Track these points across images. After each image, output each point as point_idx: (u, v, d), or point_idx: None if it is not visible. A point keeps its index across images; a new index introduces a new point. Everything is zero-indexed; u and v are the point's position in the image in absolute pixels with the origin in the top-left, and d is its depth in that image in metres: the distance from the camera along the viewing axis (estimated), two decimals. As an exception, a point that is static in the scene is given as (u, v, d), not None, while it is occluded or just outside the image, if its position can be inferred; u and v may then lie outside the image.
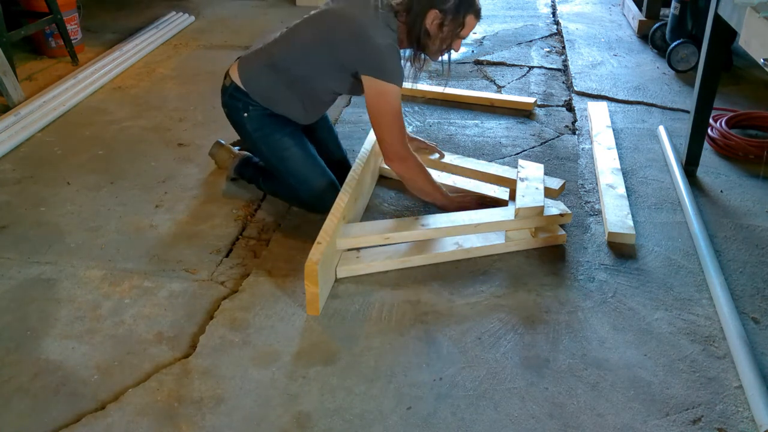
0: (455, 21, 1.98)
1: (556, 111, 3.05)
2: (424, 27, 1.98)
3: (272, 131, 2.16)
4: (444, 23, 1.98)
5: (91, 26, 4.17)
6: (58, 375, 1.64)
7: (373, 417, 1.52)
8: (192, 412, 1.53)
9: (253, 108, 2.15)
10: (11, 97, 3.06)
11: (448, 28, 1.99)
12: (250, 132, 2.18)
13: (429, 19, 1.97)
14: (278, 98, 2.14)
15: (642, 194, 2.37)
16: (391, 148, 2.04)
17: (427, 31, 1.99)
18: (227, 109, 2.22)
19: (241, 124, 2.19)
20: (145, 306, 1.86)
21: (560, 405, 1.55)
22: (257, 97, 2.14)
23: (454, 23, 1.98)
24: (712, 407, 1.55)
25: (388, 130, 2.01)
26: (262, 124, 2.16)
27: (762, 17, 1.73)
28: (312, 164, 2.18)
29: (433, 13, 1.96)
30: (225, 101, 2.22)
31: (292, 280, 1.95)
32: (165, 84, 3.35)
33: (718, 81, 2.38)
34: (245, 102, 2.15)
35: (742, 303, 1.86)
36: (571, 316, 1.82)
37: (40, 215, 2.28)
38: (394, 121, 2.01)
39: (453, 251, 2.03)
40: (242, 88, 2.15)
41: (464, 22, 1.99)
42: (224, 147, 2.46)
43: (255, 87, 2.14)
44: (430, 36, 2.00)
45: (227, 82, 2.20)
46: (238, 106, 2.17)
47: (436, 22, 1.97)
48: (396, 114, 2.00)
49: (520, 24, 4.29)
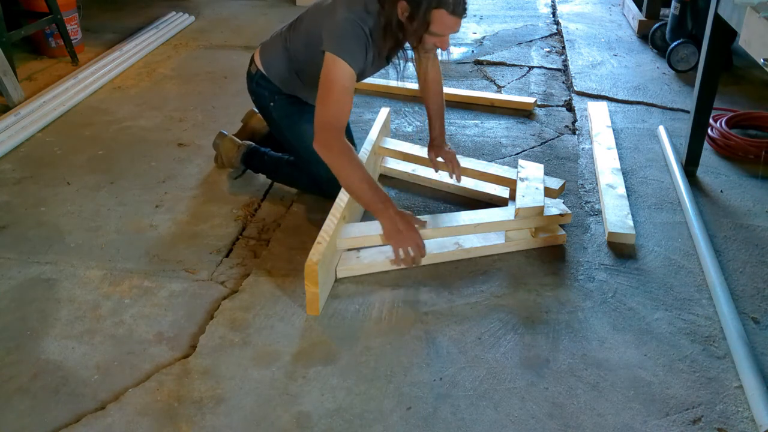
0: (419, 16, 1.81)
1: (556, 111, 3.05)
2: (396, 18, 1.87)
3: (298, 120, 2.23)
4: (413, 16, 1.82)
5: (91, 26, 4.17)
6: (58, 375, 1.64)
7: (373, 417, 1.52)
8: (192, 412, 1.53)
9: (278, 97, 2.23)
10: (11, 97, 3.06)
11: (416, 22, 1.83)
12: (277, 120, 2.27)
13: (400, 10, 1.84)
14: (295, 84, 2.21)
15: (642, 194, 2.37)
16: (321, 126, 1.88)
17: (400, 22, 1.87)
18: (254, 96, 2.31)
19: (268, 112, 2.28)
20: (145, 306, 1.86)
21: (560, 405, 1.55)
22: (278, 83, 2.22)
23: (421, 17, 1.81)
24: (712, 407, 1.55)
25: (325, 104, 1.87)
26: (288, 112, 2.24)
27: (762, 17, 1.73)
28: None
29: (402, 4, 1.82)
30: (252, 89, 2.30)
31: (292, 280, 1.95)
32: (165, 84, 3.34)
33: (718, 81, 2.38)
34: (271, 90, 2.23)
35: (742, 303, 1.85)
36: (571, 316, 1.82)
37: (40, 215, 2.28)
38: (335, 98, 1.86)
39: (453, 251, 2.03)
40: (266, 76, 2.22)
41: (429, 18, 1.81)
42: (228, 137, 2.47)
43: (274, 73, 2.22)
44: (404, 29, 1.87)
45: (253, 69, 2.28)
46: (265, 94, 2.25)
47: (405, 14, 1.84)
48: (338, 91, 1.86)
49: (520, 24, 4.29)
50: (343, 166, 1.86)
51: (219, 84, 3.33)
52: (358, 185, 1.86)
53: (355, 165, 1.87)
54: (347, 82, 1.88)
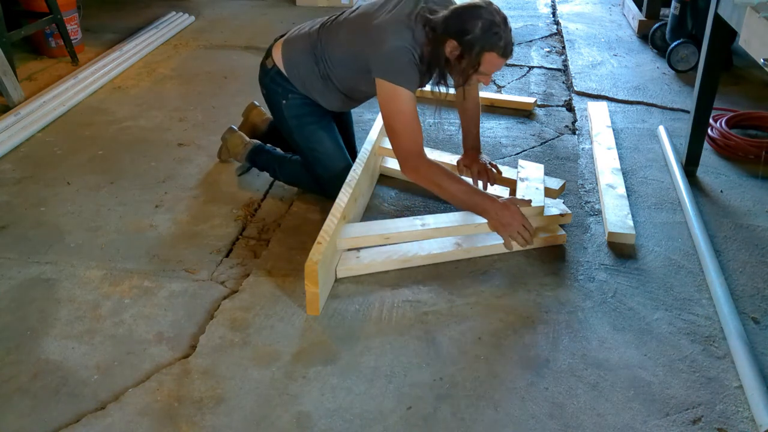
0: (472, 57, 1.84)
1: (556, 111, 3.05)
2: (443, 54, 1.89)
3: (308, 122, 2.22)
4: (463, 56, 1.86)
5: (91, 26, 4.17)
6: (58, 375, 1.64)
7: (373, 417, 1.52)
8: (192, 412, 1.53)
9: (292, 96, 2.21)
10: (11, 97, 3.06)
11: (465, 62, 1.86)
12: (287, 118, 2.24)
13: (448, 48, 1.87)
14: (315, 88, 2.19)
15: (642, 194, 2.37)
16: (403, 155, 1.96)
17: (447, 59, 1.90)
18: (266, 90, 2.28)
19: (279, 109, 2.25)
20: (145, 306, 1.86)
21: (560, 405, 1.55)
22: (297, 83, 2.19)
23: (472, 59, 1.85)
24: (712, 407, 1.55)
25: (398, 135, 1.94)
26: (299, 112, 2.22)
27: (762, 17, 1.73)
28: (340, 155, 2.24)
29: (452, 43, 1.85)
30: (266, 83, 2.27)
31: (292, 280, 1.95)
32: (165, 84, 3.34)
33: (718, 81, 2.38)
34: (285, 88, 2.21)
35: (742, 303, 1.86)
36: (571, 316, 1.82)
37: (40, 215, 2.28)
38: (405, 127, 1.93)
39: (453, 251, 2.03)
40: (284, 73, 2.19)
41: (480, 60, 1.85)
42: (237, 133, 2.47)
43: (296, 73, 2.19)
44: (450, 64, 1.90)
45: (269, 64, 2.24)
46: (278, 91, 2.22)
47: (455, 53, 1.87)
48: (406, 118, 1.92)
49: (520, 24, 4.29)
50: (436, 184, 1.95)
51: (219, 84, 3.33)
52: (457, 196, 1.95)
53: (446, 179, 1.95)
54: (411, 106, 1.93)
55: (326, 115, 2.26)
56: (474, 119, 2.29)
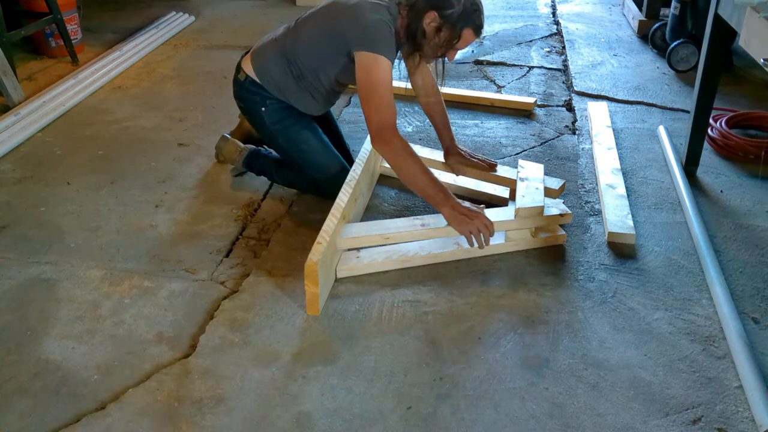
0: (452, 31, 1.95)
1: (556, 111, 3.05)
2: (421, 26, 1.96)
3: (290, 125, 2.22)
4: (441, 29, 1.95)
5: (91, 26, 4.17)
6: (58, 375, 1.64)
7: (373, 417, 1.52)
8: (192, 412, 1.53)
9: (270, 102, 2.20)
10: (11, 97, 3.06)
11: (444, 35, 1.96)
12: (268, 125, 2.23)
13: (427, 19, 1.95)
14: (291, 90, 2.18)
15: (642, 194, 2.37)
16: (376, 127, 1.94)
17: (423, 31, 1.97)
18: (243, 103, 2.27)
19: (259, 118, 2.23)
20: (145, 306, 1.86)
21: (560, 405, 1.55)
22: (272, 89, 2.19)
23: (451, 33, 1.96)
24: (712, 407, 1.55)
25: (375, 106, 1.93)
26: (280, 117, 2.21)
27: (762, 17, 1.73)
28: (329, 154, 2.25)
29: (432, 14, 1.94)
30: (242, 95, 2.25)
31: (292, 280, 1.95)
32: (165, 84, 3.35)
33: (718, 81, 2.38)
34: (262, 96, 2.20)
35: (742, 303, 1.85)
36: (571, 316, 1.82)
37: (40, 215, 2.28)
38: (383, 98, 1.93)
39: (453, 251, 2.03)
40: (258, 81, 2.19)
41: (461, 34, 1.96)
42: (230, 141, 2.47)
43: (269, 79, 2.18)
44: (426, 37, 1.98)
45: (241, 76, 2.24)
46: (256, 99, 2.21)
47: (433, 24, 1.95)
48: (385, 90, 1.93)
49: (520, 24, 4.29)
50: (404, 160, 1.94)
51: (219, 84, 3.33)
52: (419, 177, 1.94)
53: (415, 159, 1.94)
54: (389, 77, 1.95)
55: (306, 117, 2.26)
56: (444, 113, 2.34)
